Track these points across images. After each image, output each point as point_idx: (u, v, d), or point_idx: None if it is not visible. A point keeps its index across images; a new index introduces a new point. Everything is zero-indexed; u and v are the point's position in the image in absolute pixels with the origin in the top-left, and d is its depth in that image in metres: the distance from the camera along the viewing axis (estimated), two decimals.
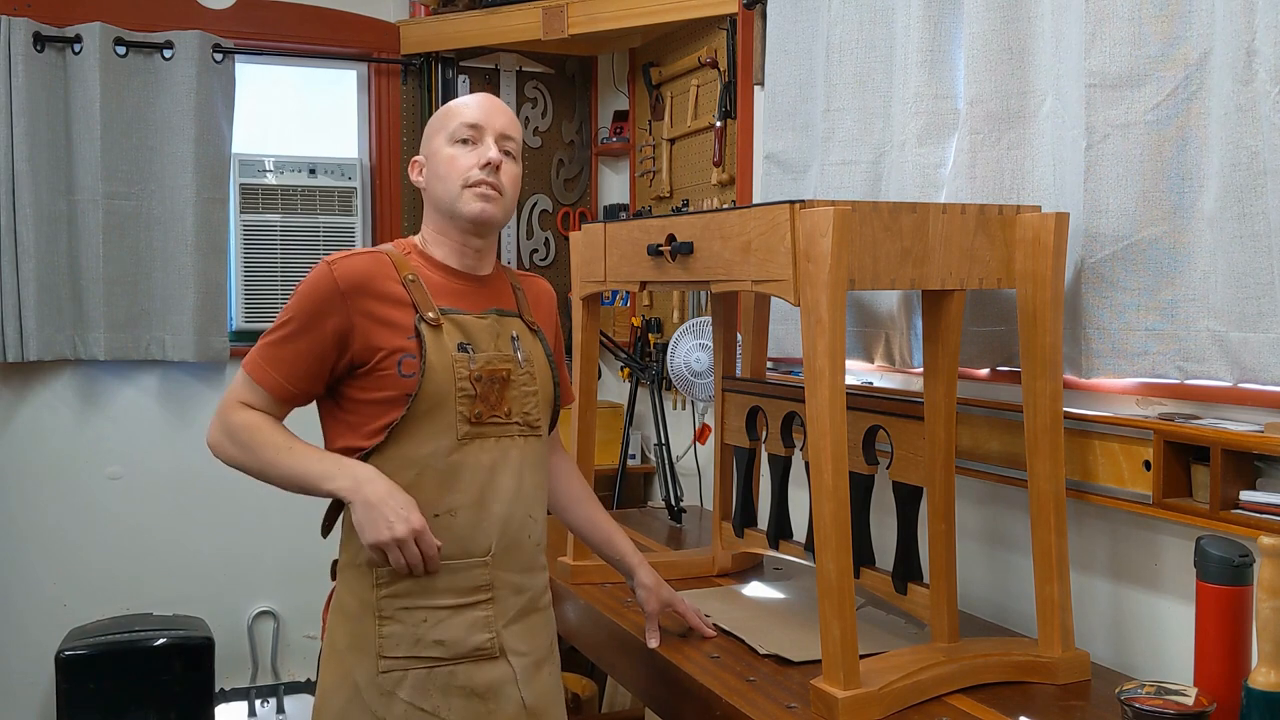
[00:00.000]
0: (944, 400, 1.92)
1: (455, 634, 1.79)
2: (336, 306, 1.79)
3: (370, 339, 1.79)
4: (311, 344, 1.80)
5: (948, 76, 2.30)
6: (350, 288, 1.80)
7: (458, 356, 1.81)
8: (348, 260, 1.84)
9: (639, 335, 3.83)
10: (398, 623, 1.78)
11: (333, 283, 1.80)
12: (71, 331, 3.78)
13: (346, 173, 4.09)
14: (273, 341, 1.83)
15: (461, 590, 1.80)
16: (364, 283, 1.81)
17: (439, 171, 1.88)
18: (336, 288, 1.80)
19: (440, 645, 1.79)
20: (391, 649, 1.78)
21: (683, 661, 1.98)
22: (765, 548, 2.41)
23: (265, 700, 3.98)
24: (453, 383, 1.80)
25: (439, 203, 1.89)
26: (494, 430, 1.84)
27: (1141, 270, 1.92)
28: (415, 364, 1.78)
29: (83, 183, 3.75)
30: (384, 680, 1.77)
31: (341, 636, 1.82)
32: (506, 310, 1.93)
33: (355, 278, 1.81)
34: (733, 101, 3.35)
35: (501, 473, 1.84)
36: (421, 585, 1.78)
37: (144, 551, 3.97)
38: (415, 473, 1.79)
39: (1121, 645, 2.03)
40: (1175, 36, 1.87)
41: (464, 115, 1.88)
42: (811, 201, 1.70)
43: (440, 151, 1.89)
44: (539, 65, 4.30)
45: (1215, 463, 1.77)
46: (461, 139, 1.87)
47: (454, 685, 1.79)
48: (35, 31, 3.64)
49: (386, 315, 1.80)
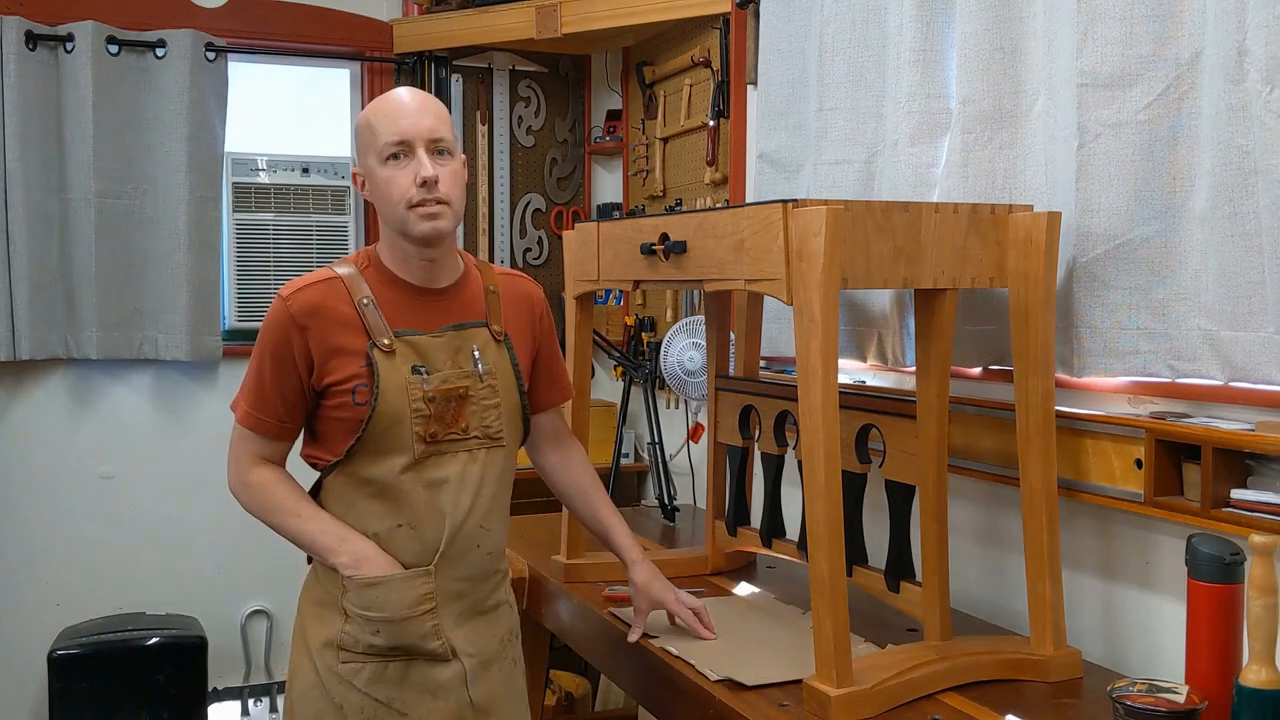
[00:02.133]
0: (936, 399, 1.93)
1: (409, 640, 1.87)
2: (295, 338, 1.85)
3: (327, 368, 1.85)
4: (284, 377, 1.86)
5: (940, 76, 2.30)
6: (305, 319, 1.84)
7: (411, 380, 1.85)
8: (302, 292, 1.86)
9: (632, 334, 3.83)
10: (356, 624, 1.86)
11: (288, 316, 1.85)
12: (64, 330, 3.77)
13: (339, 171, 4.09)
14: (251, 385, 1.90)
15: (409, 602, 1.86)
16: (317, 312, 1.85)
17: (380, 192, 1.86)
18: (293, 321, 1.84)
19: (396, 650, 1.87)
20: (352, 644, 1.86)
21: (675, 660, 1.98)
22: (758, 546, 2.41)
23: (258, 700, 3.98)
24: (406, 406, 1.84)
25: (388, 221, 1.89)
26: (451, 446, 1.89)
27: (1133, 269, 1.92)
28: (367, 392, 1.84)
29: (75, 182, 3.74)
30: (343, 670, 1.86)
31: (310, 622, 1.92)
32: (468, 322, 1.94)
33: (310, 308, 1.85)
34: (726, 101, 3.35)
35: (458, 486, 1.89)
36: (373, 598, 1.85)
37: (136, 551, 3.96)
38: (375, 488, 1.87)
39: (1113, 643, 2.04)
40: (1166, 36, 1.88)
41: (386, 133, 1.83)
42: (804, 201, 1.70)
43: (375, 173, 1.86)
44: (532, 64, 4.29)
45: (1206, 461, 1.77)
46: (391, 156, 1.84)
47: (409, 679, 1.88)
48: (27, 30, 3.63)
49: (340, 343, 1.85)
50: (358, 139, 1.91)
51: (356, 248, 4.12)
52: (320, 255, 4.06)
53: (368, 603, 1.84)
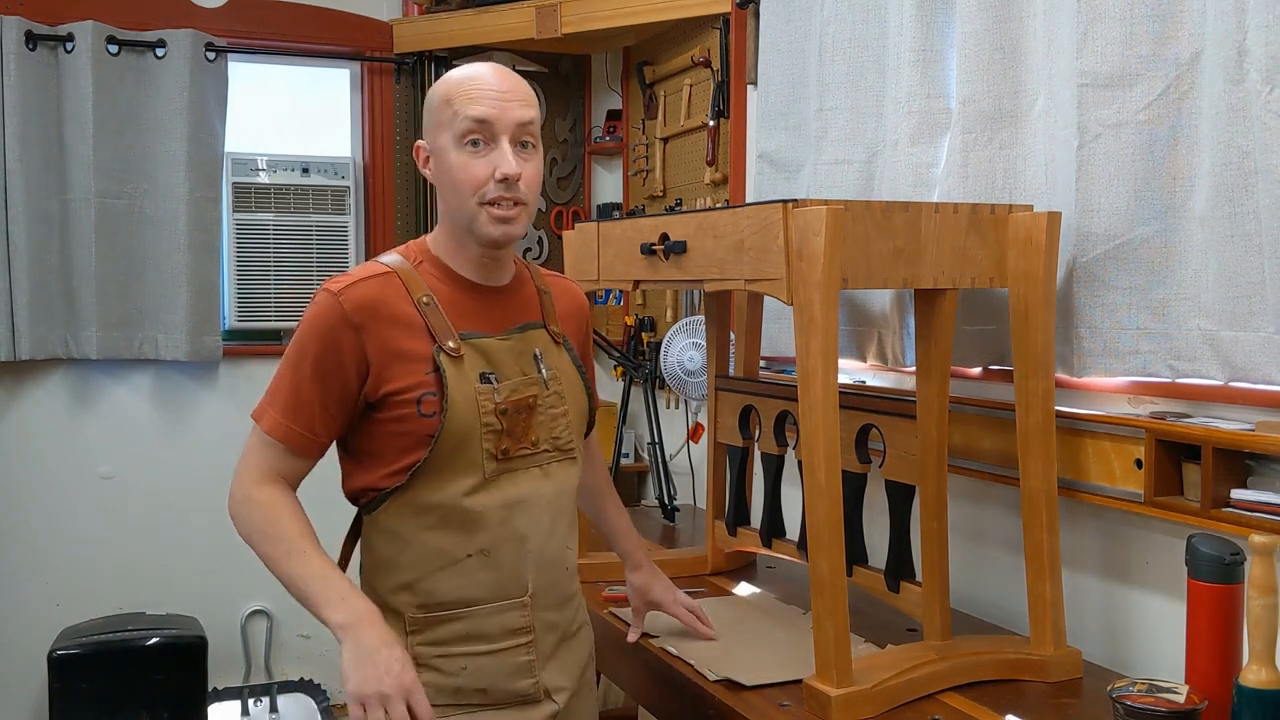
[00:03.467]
0: (936, 399, 1.93)
1: (496, 680, 1.67)
2: (348, 339, 1.61)
3: (386, 375, 1.62)
4: (329, 384, 1.62)
5: (940, 76, 2.30)
6: (362, 318, 1.61)
7: (480, 389, 1.64)
8: (356, 287, 1.63)
9: (632, 334, 3.83)
10: (435, 671, 1.64)
11: (342, 314, 1.61)
12: (64, 330, 3.78)
13: (340, 172, 4.09)
14: (285, 391, 1.64)
15: (499, 634, 1.66)
16: (376, 310, 1.62)
17: (449, 180, 1.65)
18: (347, 319, 1.61)
19: (482, 693, 1.66)
20: (431, 698, 1.58)
21: (675, 660, 1.98)
22: (758, 546, 2.41)
23: (258, 699, 3.98)
24: (477, 419, 1.63)
25: (453, 213, 1.67)
26: (522, 463, 1.68)
27: (1133, 269, 1.92)
28: (436, 402, 1.62)
29: (75, 182, 3.74)
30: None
31: None
32: (530, 323, 1.75)
33: (366, 306, 1.62)
34: (726, 101, 3.35)
35: (535, 507, 1.69)
36: (459, 631, 1.65)
37: (136, 551, 3.96)
38: (439, 516, 1.64)
39: (1113, 643, 2.04)
40: (1166, 36, 1.88)
41: (471, 109, 1.61)
42: (804, 201, 1.70)
43: (447, 154, 1.64)
44: (532, 64, 4.29)
45: (1206, 461, 1.77)
46: (470, 139, 1.62)
47: None
48: (27, 30, 3.63)
49: (402, 347, 1.62)
50: (429, 111, 1.68)
51: (357, 248, 4.11)
52: (320, 255, 4.06)
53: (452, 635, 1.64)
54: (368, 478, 1.68)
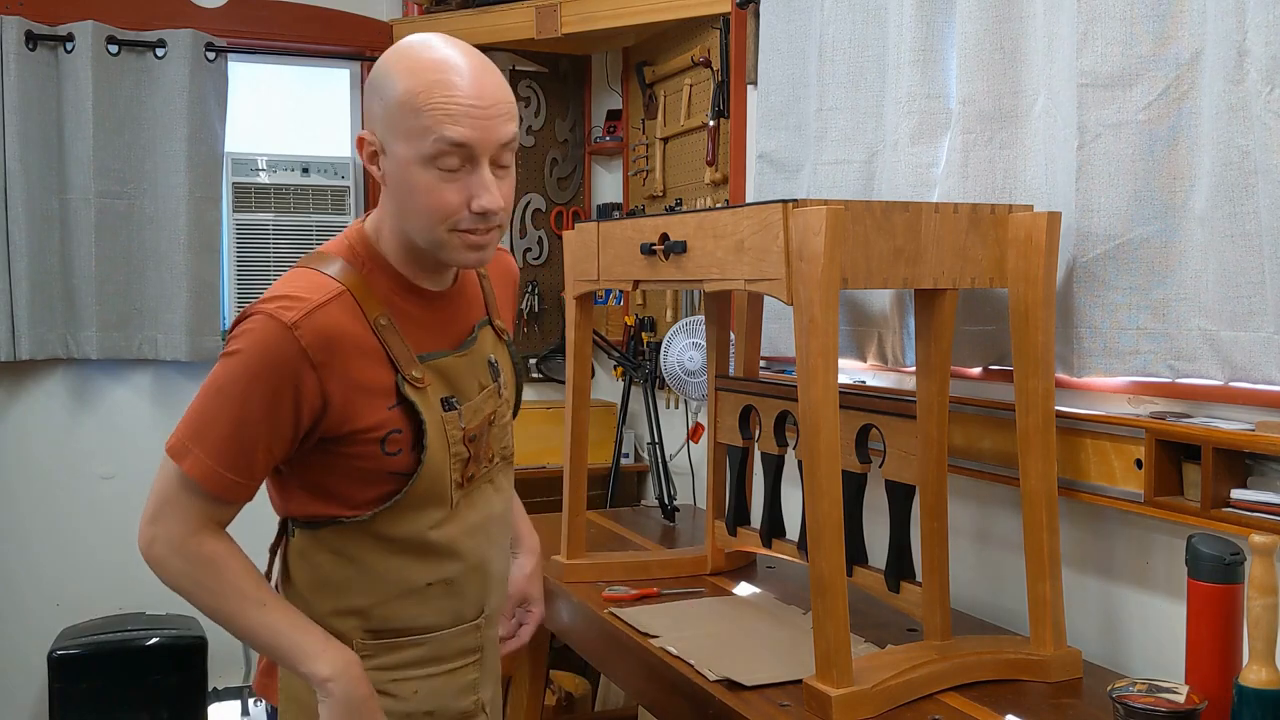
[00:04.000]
0: (936, 399, 1.93)
1: (444, 701, 1.58)
2: (307, 380, 1.40)
3: (348, 413, 1.43)
4: (278, 428, 1.41)
5: (940, 76, 2.30)
6: (324, 355, 1.40)
7: (446, 417, 1.49)
8: (313, 316, 1.40)
9: (632, 334, 3.83)
10: (389, 696, 1.51)
11: (300, 350, 1.39)
12: (63, 330, 3.78)
13: (339, 171, 4.09)
14: (219, 432, 1.41)
15: (453, 655, 1.58)
16: (336, 343, 1.41)
17: (408, 198, 1.42)
18: (306, 357, 1.39)
19: (429, 716, 1.56)
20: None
21: (675, 660, 1.98)
22: (758, 546, 2.41)
23: (258, 700, 3.96)
24: (446, 451, 1.50)
25: (411, 229, 1.45)
26: (479, 482, 1.58)
27: (1133, 269, 1.92)
28: (401, 439, 1.46)
29: (75, 182, 3.74)
30: None
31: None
32: (479, 323, 1.61)
33: (328, 339, 1.40)
34: (726, 100, 3.35)
35: (492, 529, 1.61)
36: (417, 656, 1.54)
37: (136, 551, 3.93)
38: (401, 546, 1.50)
39: (1113, 643, 2.04)
40: (1166, 36, 1.88)
41: (449, 130, 1.37)
42: (804, 201, 1.70)
43: (410, 170, 1.40)
44: (532, 64, 4.29)
45: (1206, 461, 1.77)
46: (444, 164, 1.39)
47: None
48: (27, 30, 3.63)
49: (363, 379, 1.44)
50: (384, 104, 1.41)
51: None
52: None
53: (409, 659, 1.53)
54: (317, 507, 1.50)
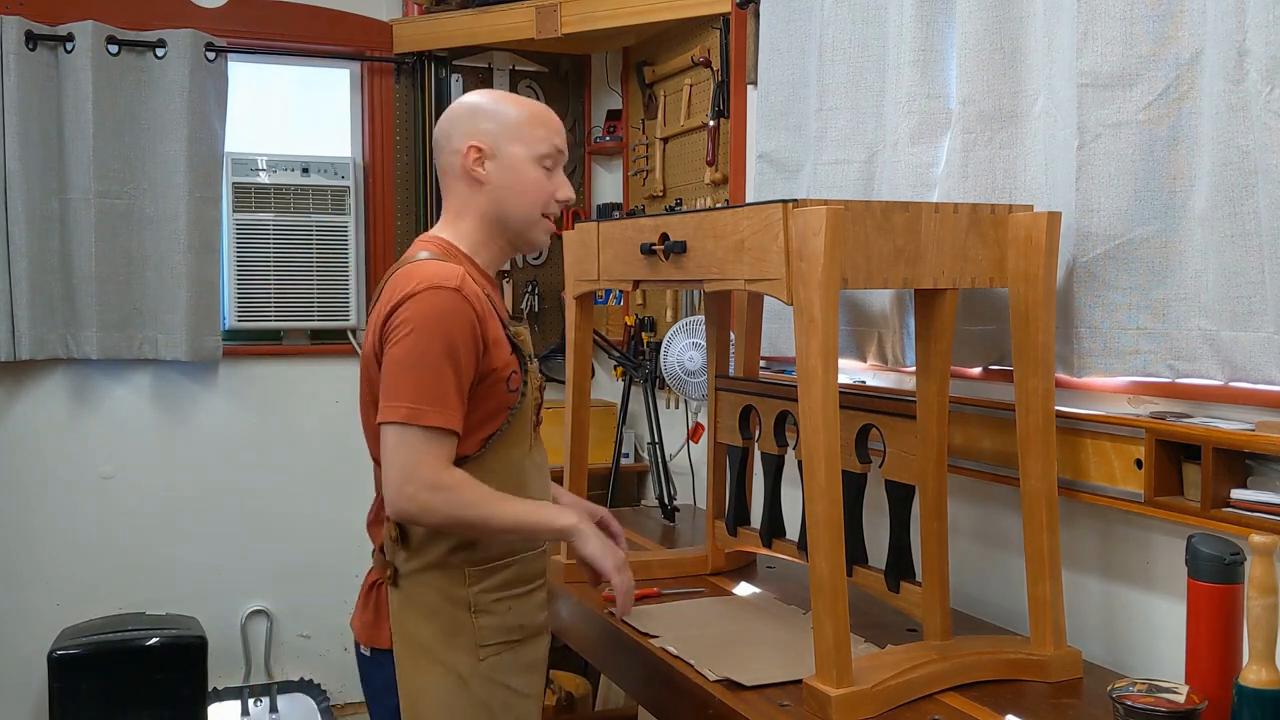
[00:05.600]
0: (936, 399, 1.93)
1: (529, 616, 1.92)
2: (477, 328, 1.78)
3: (491, 356, 1.81)
4: (468, 370, 1.78)
5: (940, 76, 2.30)
6: (480, 308, 1.79)
7: (532, 368, 1.92)
8: (466, 282, 1.79)
9: (632, 334, 3.83)
10: (490, 615, 1.86)
11: (467, 305, 1.77)
12: (64, 330, 3.77)
13: (340, 172, 4.09)
14: (435, 386, 1.75)
15: (530, 577, 1.93)
16: (481, 302, 1.80)
17: (517, 186, 1.88)
18: (473, 309, 1.77)
19: (521, 628, 1.90)
20: (487, 638, 1.86)
21: (675, 660, 1.98)
22: (758, 546, 2.41)
23: (258, 699, 3.98)
24: (532, 393, 1.91)
25: (504, 215, 1.89)
26: (537, 432, 1.98)
27: (1133, 269, 1.92)
28: (519, 379, 1.86)
29: (75, 182, 3.74)
30: (484, 667, 1.86)
31: (427, 633, 1.84)
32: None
33: (476, 296, 1.79)
34: (726, 101, 3.35)
35: (545, 468, 1.99)
36: (509, 577, 1.88)
37: (137, 551, 3.96)
38: (500, 479, 1.84)
39: (1113, 643, 2.04)
40: (1166, 36, 1.88)
41: (556, 140, 1.90)
42: (804, 201, 1.70)
43: (523, 167, 1.88)
44: (532, 64, 4.29)
45: (1206, 461, 1.77)
46: (548, 163, 1.89)
47: (524, 663, 1.92)
48: (27, 30, 3.63)
49: (494, 332, 1.82)
50: (502, 121, 1.88)
51: (357, 248, 4.11)
52: (320, 255, 4.05)
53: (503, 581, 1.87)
54: None
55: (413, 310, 1.75)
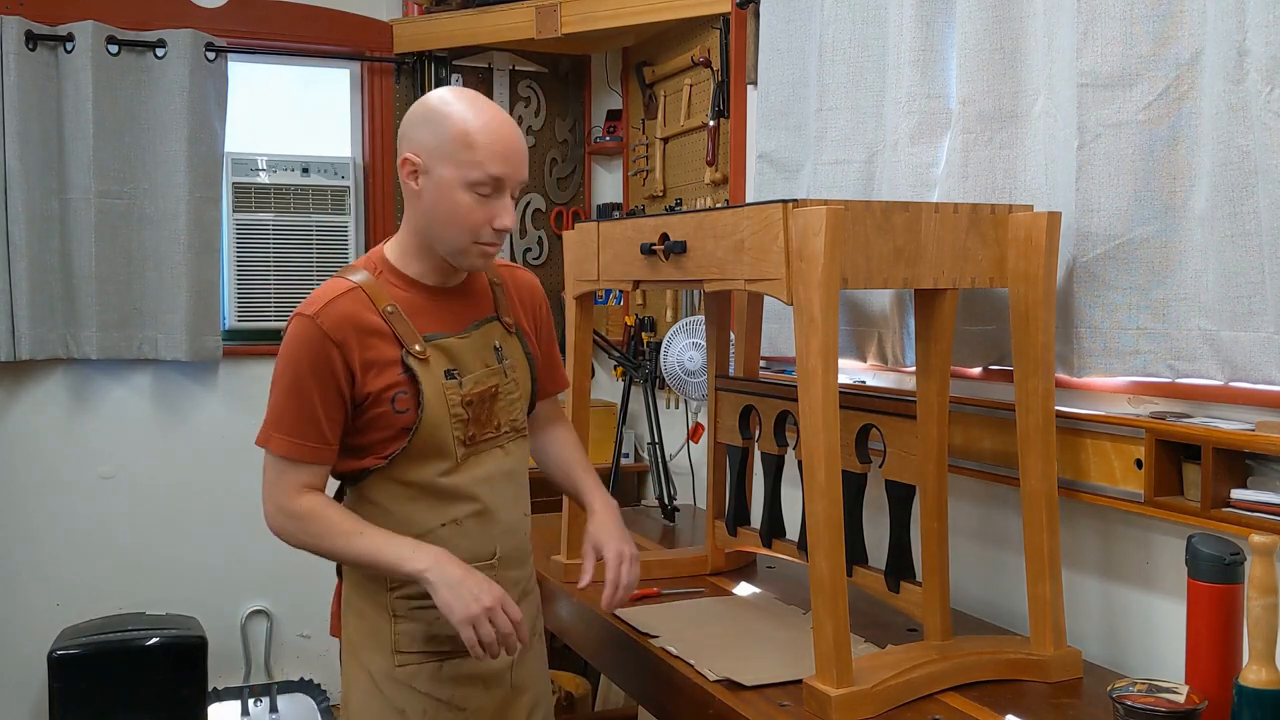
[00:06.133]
0: (936, 399, 1.93)
1: None
2: (334, 355, 1.77)
3: (365, 380, 1.79)
4: (328, 396, 1.78)
5: (940, 76, 2.30)
6: (339, 335, 1.77)
7: (447, 385, 1.83)
8: (327, 309, 1.78)
9: (632, 334, 3.83)
10: (411, 620, 1.85)
11: (320, 334, 1.76)
12: (64, 330, 3.78)
13: (340, 171, 4.09)
14: (289, 413, 1.78)
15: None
16: (348, 325, 1.78)
17: (444, 213, 1.78)
18: (326, 338, 1.76)
19: (452, 640, 1.82)
20: (406, 645, 1.85)
21: (675, 660, 1.98)
22: (758, 546, 2.41)
23: (258, 700, 3.98)
24: (445, 411, 1.83)
25: (434, 238, 1.82)
26: (487, 445, 1.90)
27: (1133, 269, 1.92)
28: (407, 400, 1.81)
29: (75, 181, 3.74)
30: (399, 674, 1.85)
31: (355, 632, 1.88)
32: (485, 318, 1.93)
33: (339, 322, 1.77)
34: (726, 101, 3.35)
35: (500, 482, 1.91)
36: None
37: (136, 551, 3.96)
38: (417, 490, 1.84)
39: (1113, 643, 2.04)
40: (1166, 36, 1.88)
41: (491, 165, 1.75)
42: (804, 201, 1.70)
43: (450, 190, 1.76)
44: (532, 64, 4.29)
45: (1206, 461, 1.77)
46: (480, 187, 1.76)
47: (462, 674, 1.87)
48: (27, 30, 3.63)
49: (375, 355, 1.79)
50: (438, 136, 1.76)
51: (357, 248, 4.12)
52: (320, 255, 4.06)
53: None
54: (351, 463, 1.86)
55: (285, 337, 1.81)
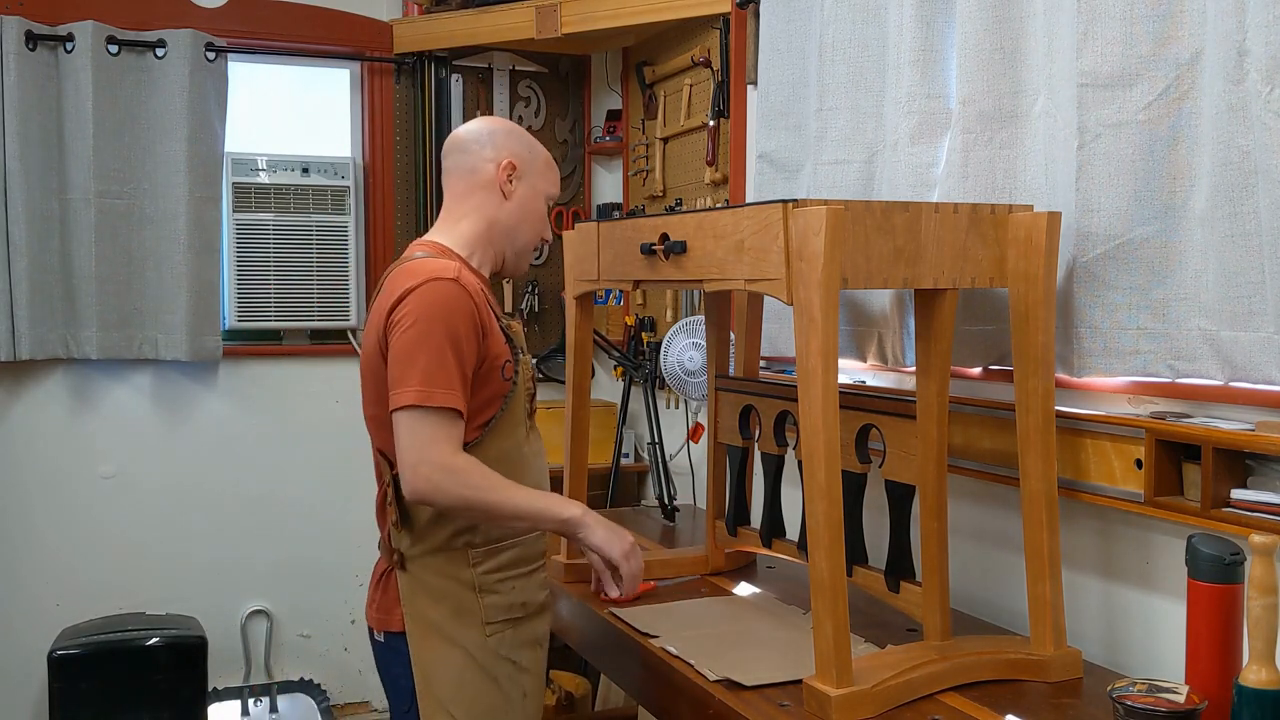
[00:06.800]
0: (936, 399, 1.93)
1: (531, 594, 2.04)
2: (472, 312, 1.88)
3: (489, 344, 1.91)
4: (471, 354, 1.88)
5: (940, 76, 2.30)
6: (476, 296, 1.90)
7: (524, 359, 2.01)
8: (463, 273, 1.91)
9: (632, 334, 3.83)
10: (495, 594, 1.98)
11: (465, 294, 1.87)
12: (64, 331, 3.77)
13: (340, 172, 4.09)
14: (441, 370, 1.84)
15: (532, 558, 2.04)
16: (478, 293, 1.91)
17: (532, 215, 2.07)
18: (470, 298, 1.88)
19: (523, 606, 2.02)
20: (494, 615, 1.97)
21: (675, 660, 1.98)
22: (758, 546, 2.41)
23: (258, 699, 3.98)
24: (524, 383, 2.01)
25: (513, 233, 2.06)
26: (532, 423, 2.08)
27: (1133, 269, 1.92)
28: (513, 368, 1.97)
29: (75, 182, 3.74)
30: (491, 643, 1.97)
31: (436, 613, 1.95)
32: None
33: (474, 288, 1.91)
34: (726, 101, 3.35)
35: (542, 455, 2.09)
36: (512, 557, 1.99)
37: (137, 551, 3.96)
38: (500, 464, 1.93)
39: (1113, 643, 2.04)
40: (1166, 36, 1.88)
41: (556, 188, 2.12)
42: (804, 201, 1.70)
43: (539, 200, 2.07)
44: (532, 64, 4.29)
45: (1206, 461, 1.77)
46: (549, 205, 2.11)
47: (526, 639, 2.03)
48: (27, 30, 3.63)
49: (490, 324, 1.93)
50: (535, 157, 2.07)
51: (357, 248, 4.11)
52: (320, 255, 4.05)
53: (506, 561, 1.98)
54: None
55: (415, 302, 1.85)
